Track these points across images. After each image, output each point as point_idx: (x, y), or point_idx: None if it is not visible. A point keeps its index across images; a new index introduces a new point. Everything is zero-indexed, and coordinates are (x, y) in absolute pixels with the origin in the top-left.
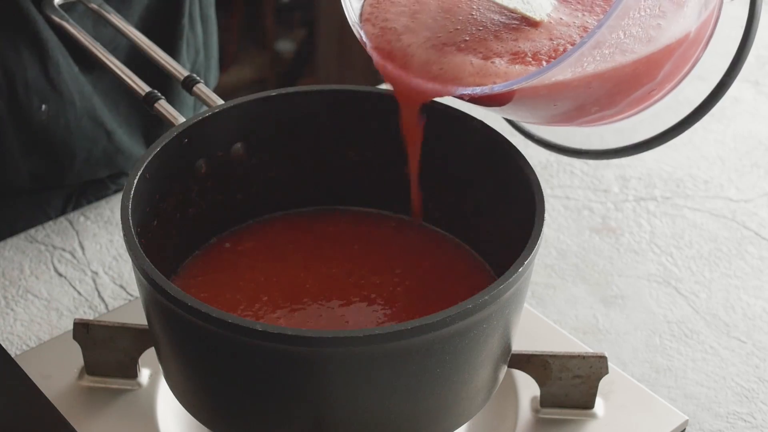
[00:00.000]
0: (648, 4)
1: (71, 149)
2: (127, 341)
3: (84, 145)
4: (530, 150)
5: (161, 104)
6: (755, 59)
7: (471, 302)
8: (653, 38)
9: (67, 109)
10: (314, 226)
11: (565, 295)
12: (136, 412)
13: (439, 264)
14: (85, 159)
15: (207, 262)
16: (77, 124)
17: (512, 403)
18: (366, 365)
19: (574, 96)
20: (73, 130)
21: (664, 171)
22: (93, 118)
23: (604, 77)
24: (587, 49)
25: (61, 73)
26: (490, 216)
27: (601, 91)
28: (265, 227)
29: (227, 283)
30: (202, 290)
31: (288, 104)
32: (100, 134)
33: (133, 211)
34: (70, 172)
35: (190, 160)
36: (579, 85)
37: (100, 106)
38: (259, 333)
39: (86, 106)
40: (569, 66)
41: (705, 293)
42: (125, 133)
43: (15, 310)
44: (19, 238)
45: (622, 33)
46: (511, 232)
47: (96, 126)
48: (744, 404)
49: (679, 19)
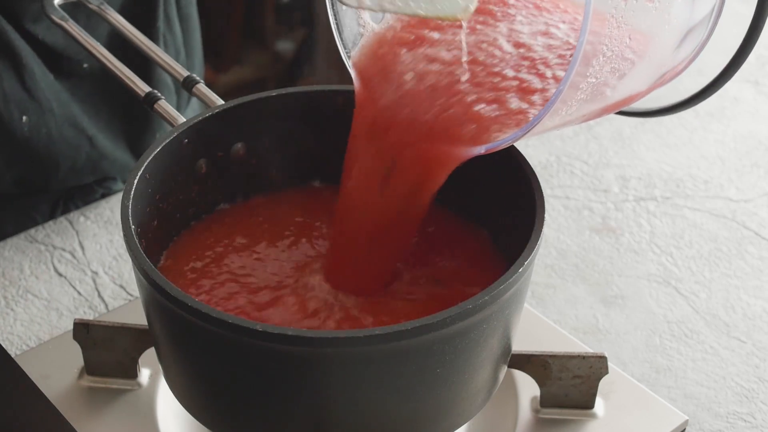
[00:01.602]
0: (612, 47)
1: (55, 157)
2: (127, 341)
3: (67, 152)
4: (530, 150)
5: (161, 104)
6: (755, 59)
7: (471, 302)
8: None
9: (47, 118)
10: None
11: (565, 295)
12: (136, 412)
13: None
14: (69, 167)
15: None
16: (59, 133)
17: (512, 403)
18: (366, 365)
19: (579, 121)
20: (56, 139)
21: (664, 171)
22: (74, 125)
23: (597, 113)
24: (558, 106)
25: (38, 81)
26: (489, 216)
27: (606, 110)
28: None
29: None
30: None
31: (288, 104)
32: (82, 141)
33: (133, 211)
34: (54, 180)
35: (190, 160)
36: (573, 121)
37: (79, 112)
38: (259, 333)
39: (66, 113)
40: (548, 123)
41: (705, 293)
42: (108, 139)
43: (15, 310)
44: (19, 238)
45: (593, 79)
46: (511, 232)
47: (78, 133)
48: (744, 404)
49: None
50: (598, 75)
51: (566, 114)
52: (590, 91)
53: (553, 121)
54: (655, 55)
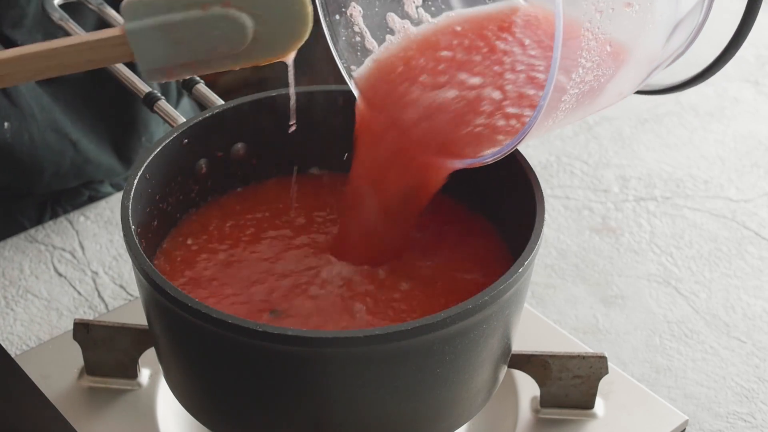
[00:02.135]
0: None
1: (39, 163)
2: (127, 341)
3: (51, 157)
4: (530, 150)
5: (160, 105)
6: (755, 59)
7: (471, 302)
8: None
9: (29, 123)
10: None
11: (565, 295)
12: (136, 412)
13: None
14: (54, 171)
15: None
16: (42, 138)
17: (512, 403)
18: (366, 365)
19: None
20: (39, 144)
21: (664, 171)
22: (56, 130)
23: (592, 112)
24: (542, 121)
25: (18, 87)
26: (489, 216)
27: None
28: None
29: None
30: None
31: (288, 104)
32: (66, 146)
33: (133, 211)
34: (39, 184)
35: (190, 160)
36: (570, 123)
37: (62, 117)
38: (259, 333)
39: (48, 118)
40: (536, 134)
41: (705, 293)
42: (92, 143)
43: (15, 310)
44: (19, 238)
45: (575, 90)
46: (513, 231)
47: (60, 138)
48: (744, 404)
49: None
50: (581, 86)
51: (555, 123)
52: (575, 101)
53: (540, 131)
54: (643, 54)
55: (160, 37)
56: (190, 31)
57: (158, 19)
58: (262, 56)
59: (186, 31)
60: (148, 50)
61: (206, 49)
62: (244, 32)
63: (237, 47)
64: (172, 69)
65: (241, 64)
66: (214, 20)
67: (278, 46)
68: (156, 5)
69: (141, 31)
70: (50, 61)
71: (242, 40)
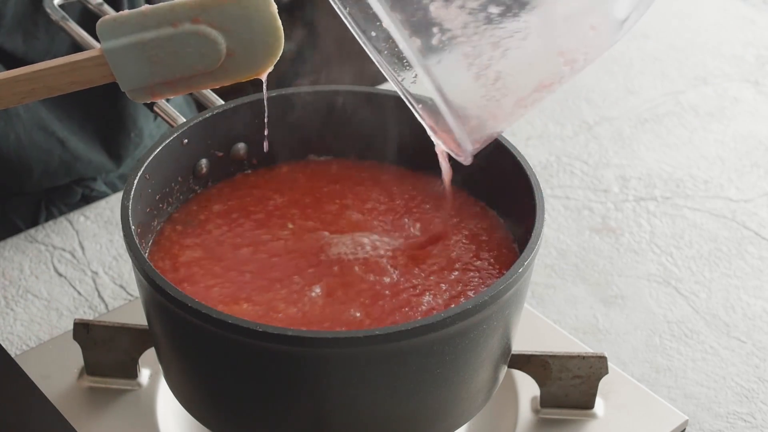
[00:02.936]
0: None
1: (27, 162)
2: (127, 341)
3: (39, 156)
4: (530, 150)
5: (160, 105)
6: (755, 59)
7: (471, 302)
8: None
9: (14, 123)
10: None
11: (565, 295)
12: (136, 412)
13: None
14: (42, 170)
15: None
16: (28, 137)
17: (512, 403)
18: (366, 366)
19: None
20: (25, 143)
21: (664, 171)
22: (43, 128)
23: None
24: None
25: None
26: (489, 216)
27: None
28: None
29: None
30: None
31: (288, 104)
32: (53, 144)
33: (133, 211)
34: (29, 183)
35: (190, 160)
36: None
37: (48, 115)
38: (259, 333)
39: (33, 117)
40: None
41: (705, 293)
42: (81, 141)
43: (15, 310)
44: (19, 238)
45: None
46: (511, 232)
47: (48, 136)
48: (744, 404)
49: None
50: (554, 87)
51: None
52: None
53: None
54: (599, 47)
55: (137, 55)
56: (163, 49)
57: (132, 38)
58: (239, 73)
59: (159, 49)
60: (126, 69)
61: (183, 67)
62: (216, 48)
63: (212, 64)
64: (153, 88)
65: (221, 82)
66: (185, 37)
67: (254, 62)
68: (129, 24)
69: (118, 50)
70: (35, 83)
71: (216, 56)
